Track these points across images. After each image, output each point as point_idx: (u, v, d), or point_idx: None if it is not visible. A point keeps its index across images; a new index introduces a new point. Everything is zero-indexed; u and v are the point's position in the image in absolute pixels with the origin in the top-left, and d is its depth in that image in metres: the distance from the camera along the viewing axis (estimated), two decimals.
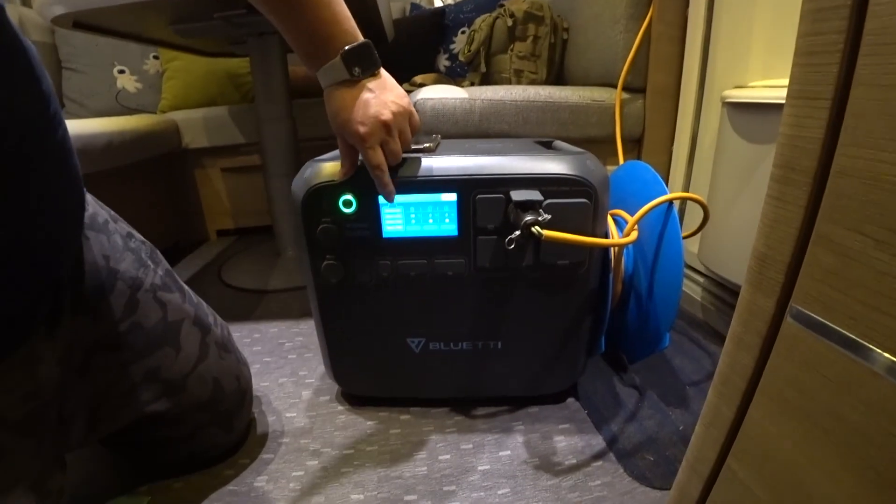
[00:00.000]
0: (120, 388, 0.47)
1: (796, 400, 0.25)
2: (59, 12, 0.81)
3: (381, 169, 0.50)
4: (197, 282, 1.21)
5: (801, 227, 0.24)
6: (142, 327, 0.49)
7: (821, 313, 0.23)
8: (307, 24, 0.46)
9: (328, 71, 0.48)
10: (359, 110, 0.48)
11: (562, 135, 0.97)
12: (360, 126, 0.48)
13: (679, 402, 0.66)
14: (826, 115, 0.23)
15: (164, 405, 0.50)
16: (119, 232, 0.51)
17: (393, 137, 0.51)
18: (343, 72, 0.48)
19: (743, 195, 0.73)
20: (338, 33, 0.47)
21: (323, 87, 0.50)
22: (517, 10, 1.15)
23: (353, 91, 0.49)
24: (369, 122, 0.48)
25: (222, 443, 0.59)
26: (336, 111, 0.49)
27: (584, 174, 0.53)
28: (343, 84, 0.48)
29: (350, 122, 0.48)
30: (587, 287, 0.59)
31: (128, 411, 0.48)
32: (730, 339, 0.30)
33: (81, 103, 1.52)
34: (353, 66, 0.48)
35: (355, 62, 0.48)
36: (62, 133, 0.38)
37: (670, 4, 0.93)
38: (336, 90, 0.49)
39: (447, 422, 0.64)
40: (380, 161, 0.50)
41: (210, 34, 1.09)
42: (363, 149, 0.49)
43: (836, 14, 0.23)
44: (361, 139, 0.49)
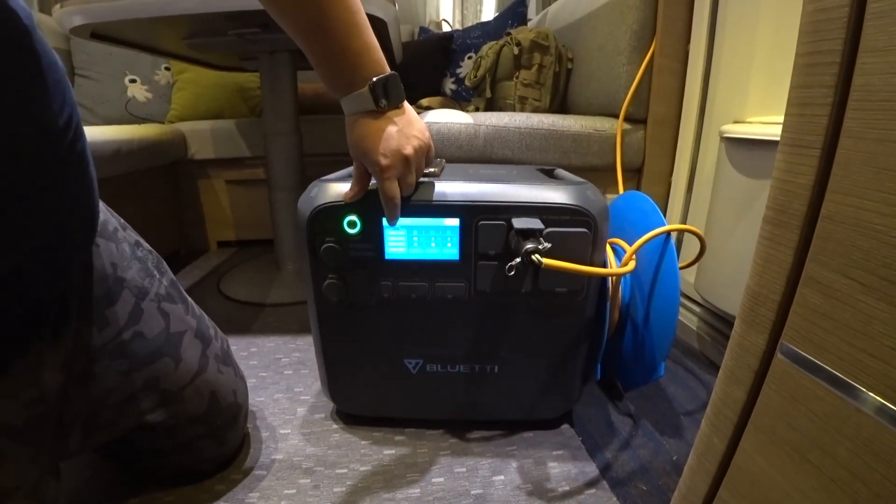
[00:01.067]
0: (118, 396, 0.48)
1: (786, 434, 0.26)
2: (78, 23, 0.84)
3: (395, 202, 0.51)
4: (196, 292, 1.22)
5: (791, 267, 0.25)
6: (144, 337, 0.49)
7: (810, 351, 0.24)
8: (337, 53, 0.47)
9: (354, 99, 0.49)
10: (382, 142, 0.49)
11: (563, 162, 0.99)
12: (381, 158, 0.49)
13: (673, 431, 0.67)
14: (816, 163, 0.24)
15: (161, 416, 0.50)
16: (127, 240, 0.52)
17: (411, 171, 0.52)
18: (369, 102, 0.48)
19: (739, 228, 0.74)
20: (366, 63, 0.48)
21: (346, 113, 0.50)
22: (523, 38, 1.18)
23: (378, 122, 0.49)
24: (391, 155, 0.49)
25: (215, 456, 0.59)
26: (359, 139, 0.50)
27: (584, 204, 0.55)
28: (368, 114, 0.49)
29: (372, 152, 0.49)
30: (584, 314, 0.60)
31: (125, 420, 0.49)
32: (722, 372, 0.31)
33: (92, 110, 1.55)
34: (380, 98, 0.48)
35: (382, 94, 0.48)
36: (82, 144, 0.39)
37: (672, 39, 0.96)
38: (360, 119, 0.49)
39: (442, 444, 0.65)
40: (395, 194, 0.51)
41: (223, 49, 1.12)
42: (381, 179, 0.50)
43: (826, 69, 0.24)
44: (382, 170, 0.49)
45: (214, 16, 0.85)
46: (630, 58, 0.99)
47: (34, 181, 0.34)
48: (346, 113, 0.50)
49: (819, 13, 0.24)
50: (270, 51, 1.10)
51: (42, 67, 0.34)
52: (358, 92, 0.48)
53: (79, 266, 0.45)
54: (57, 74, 0.35)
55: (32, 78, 0.33)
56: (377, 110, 0.49)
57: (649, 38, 0.98)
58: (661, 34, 0.96)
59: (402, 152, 0.50)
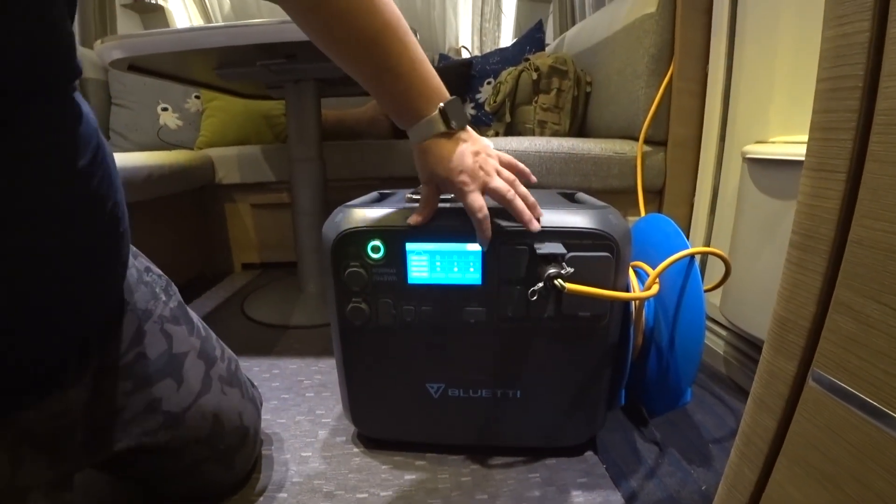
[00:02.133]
0: (122, 416, 0.48)
1: (820, 464, 0.25)
2: (117, 56, 0.88)
3: (483, 213, 0.52)
4: (220, 313, 1.24)
5: (820, 293, 0.25)
6: (146, 358, 0.50)
7: (842, 379, 0.24)
8: (403, 89, 0.50)
9: (426, 125, 0.51)
10: (458, 160, 0.51)
11: (584, 185, 0.99)
12: (461, 174, 0.51)
13: (701, 459, 0.65)
14: (842, 187, 0.24)
15: (164, 437, 0.51)
16: (136, 266, 0.53)
17: (492, 177, 0.53)
18: (441, 125, 0.51)
19: (766, 249, 0.73)
20: (431, 92, 0.51)
21: (416, 141, 0.53)
22: (542, 64, 1.20)
23: (450, 143, 0.52)
24: (469, 170, 0.51)
25: (223, 480, 0.58)
26: (436, 162, 0.52)
27: (606, 228, 0.55)
28: (440, 136, 0.51)
29: (451, 171, 0.51)
30: (608, 339, 0.59)
31: (127, 440, 0.49)
32: (752, 399, 0.30)
33: (126, 136, 1.62)
34: (451, 120, 0.51)
35: (452, 116, 0.51)
36: (124, 226, 0.45)
37: (690, 61, 0.96)
38: (433, 143, 0.52)
39: (463, 470, 0.64)
40: (481, 204, 0.52)
41: (251, 79, 1.16)
42: (464, 194, 0.51)
43: (848, 94, 0.24)
44: (464, 184, 0.51)
45: (243, 48, 0.89)
46: (648, 81, 1.00)
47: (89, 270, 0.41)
48: (416, 140, 0.53)
49: (839, 39, 0.24)
50: (295, 80, 1.15)
51: (112, 174, 0.42)
52: (428, 118, 0.51)
53: (111, 307, 0.48)
54: (113, 177, 0.43)
55: (100, 181, 0.40)
56: (448, 132, 0.51)
57: (667, 61, 0.99)
58: (679, 57, 0.97)
59: (479, 165, 0.52)
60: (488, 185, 0.52)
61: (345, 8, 0.45)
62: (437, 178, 0.53)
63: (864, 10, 0.22)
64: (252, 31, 0.85)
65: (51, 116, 0.36)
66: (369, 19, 0.46)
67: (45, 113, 0.35)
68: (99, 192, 0.41)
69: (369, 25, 0.47)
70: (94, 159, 0.40)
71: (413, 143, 0.53)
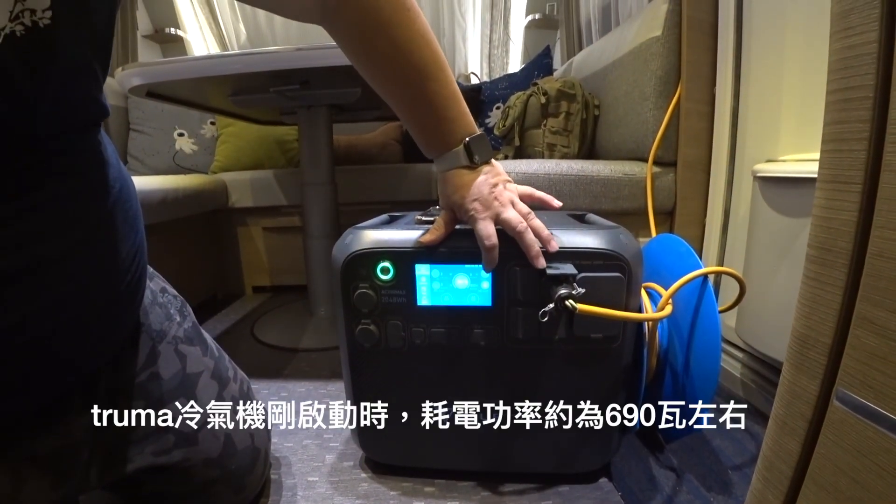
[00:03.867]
0: (134, 435, 0.48)
1: (850, 490, 0.24)
2: (136, 83, 0.91)
3: (492, 241, 0.52)
4: (230, 336, 1.24)
5: (841, 308, 0.24)
6: (160, 378, 0.50)
7: (869, 398, 0.23)
8: (435, 122, 0.53)
9: (450, 158, 0.54)
10: (474, 189, 0.53)
11: (594, 207, 0.99)
12: (475, 202, 0.53)
13: (720, 487, 0.62)
14: (858, 199, 0.23)
15: (177, 456, 0.50)
16: (152, 288, 0.54)
17: (506, 208, 0.53)
18: (464, 159, 0.53)
19: (781, 269, 0.72)
20: (460, 128, 0.53)
21: (439, 170, 0.55)
22: (550, 88, 1.21)
23: (471, 175, 0.53)
24: (483, 199, 0.53)
25: (232, 502, 0.58)
26: (454, 189, 0.54)
27: (617, 248, 0.54)
28: (463, 168, 0.54)
29: (466, 198, 0.53)
30: (621, 361, 0.58)
31: (140, 458, 0.49)
32: (773, 421, 0.29)
33: (143, 161, 1.66)
34: (474, 155, 0.53)
35: (475, 151, 0.53)
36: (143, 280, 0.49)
37: (698, 82, 0.97)
38: (455, 174, 0.54)
39: (473, 497, 0.62)
40: (490, 233, 0.52)
41: (264, 105, 1.19)
42: (475, 220, 0.53)
43: (859, 104, 0.24)
44: (476, 211, 0.52)
45: (258, 75, 0.91)
46: (656, 103, 1.00)
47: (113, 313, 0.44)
48: (440, 170, 0.55)
49: (847, 50, 0.24)
50: (308, 105, 1.17)
51: (133, 215, 0.45)
52: (453, 151, 0.53)
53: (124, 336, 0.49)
54: (135, 217, 0.46)
55: (122, 223, 0.43)
56: (470, 165, 0.53)
57: (674, 83, 0.99)
58: (686, 78, 0.97)
59: (493, 194, 0.53)
60: (500, 215, 0.53)
61: (400, 41, 0.48)
62: (453, 205, 0.55)
63: (871, 21, 0.22)
64: (267, 58, 0.87)
65: (78, 160, 0.38)
66: (419, 53, 0.49)
67: (73, 156, 0.37)
68: (121, 232, 0.43)
69: (419, 59, 0.49)
70: (117, 200, 0.42)
71: (437, 171, 0.56)
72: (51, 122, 0.35)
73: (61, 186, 0.36)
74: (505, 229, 0.53)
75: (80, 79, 0.36)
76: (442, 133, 0.53)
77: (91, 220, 0.39)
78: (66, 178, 0.37)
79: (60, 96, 0.34)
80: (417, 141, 0.56)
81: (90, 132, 0.40)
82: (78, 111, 0.37)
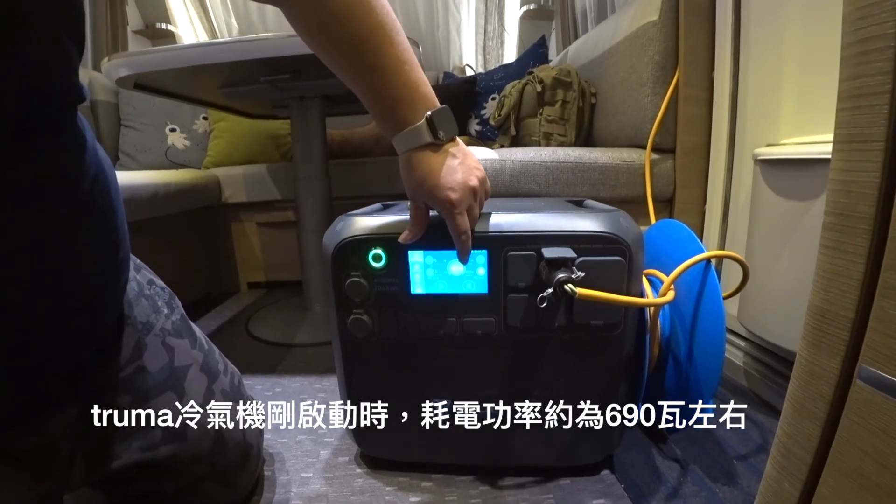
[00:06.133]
0: (119, 431, 0.47)
1: (877, 475, 0.22)
2: (123, 74, 0.89)
3: (468, 235, 0.50)
4: (224, 332, 1.22)
5: (864, 278, 0.22)
6: (146, 371, 0.48)
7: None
8: (392, 91, 0.47)
9: (411, 134, 0.48)
10: (447, 176, 0.48)
11: (592, 195, 0.97)
12: (450, 192, 0.48)
13: (726, 478, 0.61)
14: (881, 157, 0.22)
15: (164, 452, 0.49)
16: (138, 280, 0.52)
17: (477, 203, 0.51)
18: (427, 135, 0.48)
19: (784, 253, 0.70)
20: (420, 98, 0.48)
21: (401, 150, 0.50)
22: (546, 76, 1.19)
23: (438, 156, 0.49)
24: (459, 189, 0.48)
25: (224, 500, 0.56)
26: (423, 177, 0.49)
27: (617, 231, 0.52)
28: (426, 147, 0.48)
29: (439, 188, 0.48)
30: (622, 350, 0.56)
31: (128, 455, 0.47)
32: (789, 404, 0.27)
33: (134, 157, 1.63)
34: (438, 130, 0.48)
35: (440, 126, 0.48)
36: (126, 277, 0.46)
37: (695, 68, 0.95)
38: (419, 154, 0.49)
39: (471, 491, 0.60)
40: (467, 227, 0.50)
41: (256, 97, 1.16)
42: (451, 215, 0.49)
43: (879, 55, 0.22)
44: (452, 205, 0.48)
45: (248, 64, 0.89)
46: (654, 89, 0.99)
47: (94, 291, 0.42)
48: (402, 150, 0.50)
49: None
50: (300, 97, 1.15)
51: (111, 201, 0.42)
52: (414, 126, 0.48)
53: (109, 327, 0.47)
54: (114, 204, 0.43)
55: (100, 210, 0.41)
56: (435, 143, 0.48)
57: (672, 69, 0.97)
58: (684, 64, 0.95)
59: (469, 184, 0.49)
60: (471, 210, 0.50)
61: (343, 4, 0.44)
62: (422, 194, 0.50)
63: None
64: (257, 45, 0.85)
65: (52, 144, 0.36)
66: (364, 17, 0.45)
67: (46, 141, 0.35)
68: (97, 220, 0.41)
69: (364, 22, 0.45)
70: (92, 187, 0.39)
71: (399, 153, 0.50)
72: (19, 103, 0.33)
73: (32, 170, 0.34)
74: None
75: (51, 57, 0.34)
76: (399, 104, 0.48)
77: (65, 206, 0.37)
78: (37, 161, 0.35)
79: (29, 74, 0.32)
80: (375, 118, 0.50)
81: (65, 116, 0.38)
82: (50, 93, 0.35)
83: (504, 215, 0.54)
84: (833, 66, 0.25)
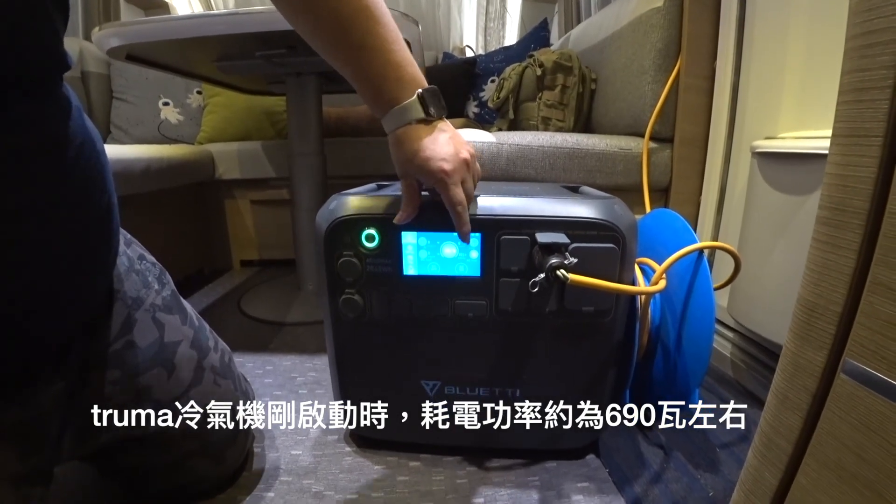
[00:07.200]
0: (110, 405, 0.47)
1: (855, 467, 0.22)
2: (114, 44, 0.87)
3: (464, 206, 0.49)
4: (216, 310, 1.22)
5: (854, 273, 0.22)
6: (136, 346, 0.48)
7: (881, 369, 0.21)
8: (380, 69, 0.47)
9: (402, 112, 0.48)
10: (439, 148, 0.48)
11: (588, 182, 0.96)
12: (443, 163, 0.47)
13: (708, 465, 0.62)
14: (879, 152, 0.21)
15: (153, 428, 0.49)
16: (129, 255, 0.52)
17: (471, 176, 0.51)
18: (418, 111, 0.48)
19: (777, 247, 0.70)
20: (408, 76, 0.48)
21: (392, 128, 0.49)
22: (546, 60, 1.17)
23: (429, 130, 0.49)
24: (451, 159, 0.48)
25: (212, 475, 0.56)
26: (414, 150, 0.48)
27: (611, 218, 0.52)
28: (416, 124, 0.48)
29: (432, 159, 0.48)
30: (612, 337, 0.57)
31: (115, 429, 0.47)
32: (773, 395, 0.27)
33: (126, 131, 1.60)
34: (429, 107, 0.48)
35: (430, 104, 0.48)
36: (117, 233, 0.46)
37: (698, 57, 0.94)
38: (409, 129, 0.48)
39: (459, 472, 0.61)
40: (462, 198, 0.49)
41: (251, 72, 1.14)
42: (446, 186, 0.48)
43: (883, 49, 0.22)
44: (446, 175, 0.48)
45: (243, 37, 0.87)
46: (655, 76, 0.98)
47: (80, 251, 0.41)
48: (392, 128, 0.49)
49: None
50: (296, 73, 1.13)
51: (100, 170, 0.42)
52: (405, 103, 0.48)
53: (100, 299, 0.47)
54: (103, 172, 0.43)
55: (86, 178, 0.41)
56: (426, 119, 0.48)
57: (674, 57, 0.96)
58: (687, 52, 0.94)
59: (461, 156, 0.49)
60: (466, 182, 0.50)
61: None
62: (414, 169, 0.49)
63: None
64: (252, 18, 0.83)
65: (35, 111, 0.35)
66: None
67: (28, 107, 0.34)
68: (84, 190, 0.40)
69: (350, 1, 0.44)
70: (78, 155, 0.39)
71: (388, 131, 0.50)
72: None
73: (14, 136, 0.34)
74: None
75: (28, 17, 0.32)
76: (390, 82, 0.47)
77: (49, 174, 0.37)
78: (19, 127, 0.34)
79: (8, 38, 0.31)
80: (365, 98, 0.50)
81: (48, 82, 0.37)
82: (29, 56, 0.34)
83: (499, 199, 0.54)
84: (836, 63, 0.25)
